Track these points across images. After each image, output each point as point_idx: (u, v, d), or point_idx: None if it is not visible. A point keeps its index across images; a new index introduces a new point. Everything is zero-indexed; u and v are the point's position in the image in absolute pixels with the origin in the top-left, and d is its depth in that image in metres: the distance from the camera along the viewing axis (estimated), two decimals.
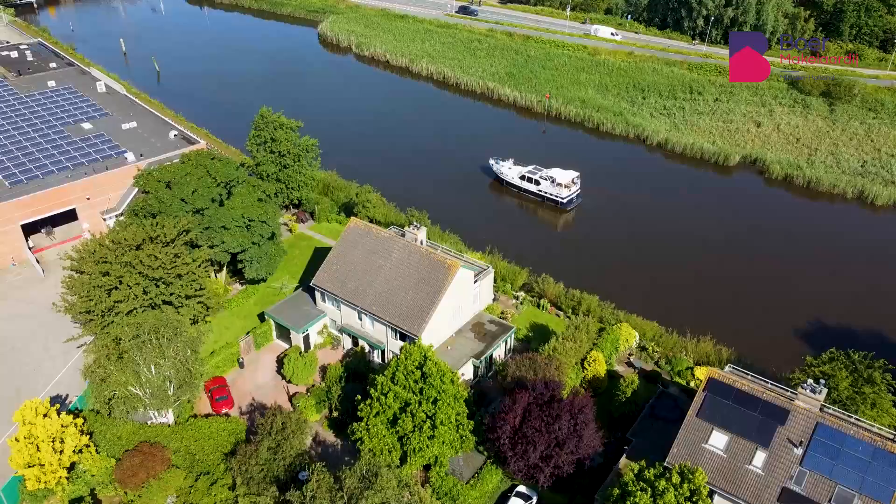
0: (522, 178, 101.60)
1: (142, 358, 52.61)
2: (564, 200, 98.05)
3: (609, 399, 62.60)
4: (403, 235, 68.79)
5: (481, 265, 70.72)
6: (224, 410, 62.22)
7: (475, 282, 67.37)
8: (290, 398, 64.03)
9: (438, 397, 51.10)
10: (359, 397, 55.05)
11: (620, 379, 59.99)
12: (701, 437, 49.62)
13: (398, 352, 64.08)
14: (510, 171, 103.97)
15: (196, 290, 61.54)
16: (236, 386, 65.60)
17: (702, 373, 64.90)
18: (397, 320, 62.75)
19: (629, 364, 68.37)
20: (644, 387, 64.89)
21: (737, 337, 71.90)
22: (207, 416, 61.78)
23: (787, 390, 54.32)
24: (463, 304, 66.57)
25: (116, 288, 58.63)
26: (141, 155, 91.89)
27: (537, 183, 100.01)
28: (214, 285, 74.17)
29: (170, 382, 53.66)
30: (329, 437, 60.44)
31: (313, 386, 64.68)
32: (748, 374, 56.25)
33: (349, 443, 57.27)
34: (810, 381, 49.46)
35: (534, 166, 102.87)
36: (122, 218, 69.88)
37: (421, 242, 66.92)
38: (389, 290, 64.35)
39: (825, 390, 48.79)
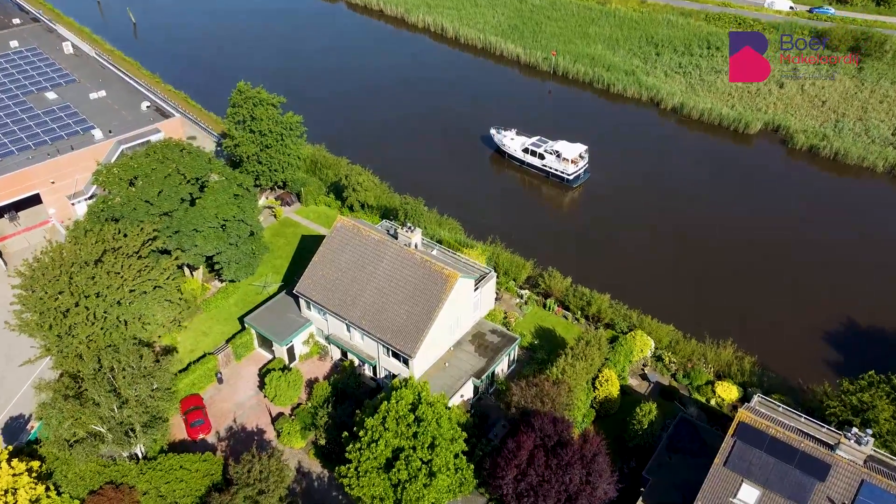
0: (526, 150, 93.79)
1: (102, 398, 46.70)
2: (571, 177, 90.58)
3: (622, 422, 57.23)
4: (396, 237, 62.01)
5: (482, 268, 64.13)
6: (200, 436, 56.88)
7: (476, 289, 60.96)
8: (273, 420, 58.60)
9: (435, 442, 45.46)
10: (346, 435, 49.49)
11: (636, 408, 54.28)
12: (729, 489, 44.23)
13: (390, 369, 58.59)
14: (513, 142, 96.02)
15: (166, 306, 55.14)
16: (214, 404, 60.07)
17: (723, 389, 59.44)
18: (389, 337, 56.64)
19: (643, 377, 62.67)
20: (660, 404, 59.44)
21: (759, 338, 66.14)
22: (181, 442, 56.55)
23: (823, 427, 48.83)
24: (462, 314, 60.37)
25: (76, 305, 52.23)
26: (109, 131, 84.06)
27: (542, 157, 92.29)
28: (190, 285, 67.90)
29: (132, 428, 47.88)
30: (315, 466, 55.23)
31: (298, 405, 59.18)
32: (779, 407, 50.74)
33: (337, 476, 52.17)
34: (855, 430, 43.68)
35: (538, 138, 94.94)
36: (83, 217, 62.67)
37: (416, 246, 60.17)
38: (381, 302, 58.00)
39: (871, 441, 43.10)
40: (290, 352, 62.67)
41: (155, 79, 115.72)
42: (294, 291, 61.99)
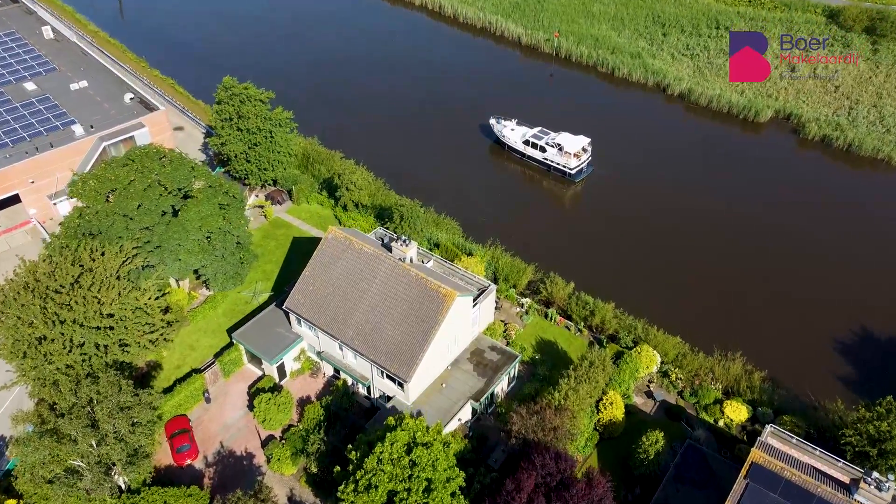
0: (526, 143, 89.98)
1: (80, 434, 44.12)
2: (573, 171, 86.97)
3: (626, 444, 54.86)
4: (390, 248, 58.91)
5: (481, 282, 61.10)
6: (187, 462, 54.48)
7: (474, 305, 58.04)
8: (263, 443, 56.20)
9: (431, 486, 42.98)
10: (338, 470, 47.08)
11: (643, 437, 51.73)
12: None
13: (385, 391, 56.03)
14: (513, 133, 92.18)
15: (147, 331, 52.26)
16: (202, 425, 57.60)
17: (731, 409, 56.90)
18: (383, 360, 53.90)
19: (649, 394, 60.11)
20: (666, 425, 57.06)
21: (769, 348, 63.63)
22: (167, 468, 54.19)
23: (839, 461, 46.49)
24: (460, 332, 57.55)
25: (52, 331, 49.34)
26: (91, 127, 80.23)
27: (543, 150, 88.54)
28: (176, 296, 64.98)
29: (112, 464, 45.39)
30: (307, 495, 52.92)
31: (290, 427, 56.72)
32: (793, 438, 48.31)
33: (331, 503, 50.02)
34: (876, 475, 41.18)
35: (539, 129, 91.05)
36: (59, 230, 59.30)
37: (410, 260, 57.08)
38: (374, 321, 55.12)
39: (893, 486, 40.65)
40: (281, 369, 60.03)
41: (141, 63, 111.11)
42: (283, 307, 59.05)
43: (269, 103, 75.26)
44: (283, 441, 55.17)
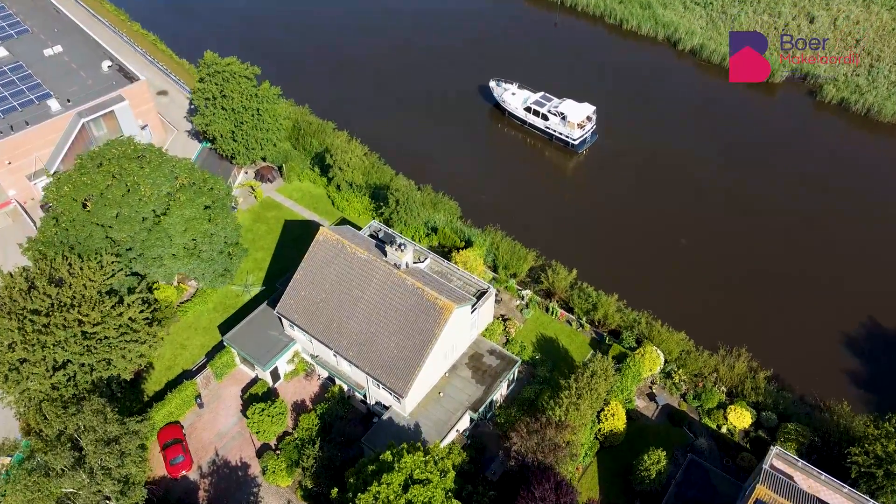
0: (528, 109, 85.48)
1: (67, 471, 42.91)
2: (576, 142, 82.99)
3: (627, 452, 54.01)
4: (384, 243, 56.26)
5: (480, 284, 58.61)
6: (182, 473, 53.70)
7: (473, 311, 55.85)
8: (258, 452, 55.30)
9: None
10: (335, 491, 46.22)
11: (644, 455, 50.56)
12: None
13: (381, 400, 54.70)
14: (514, 97, 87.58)
15: (132, 347, 50.30)
16: (195, 433, 56.53)
17: (735, 416, 55.66)
18: (379, 372, 52.21)
19: (651, 396, 58.80)
20: (668, 430, 56.10)
21: (776, 344, 61.95)
22: (162, 479, 53.43)
23: (844, 487, 45.57)
24: (458, 340, 55.66)
25: (33, 354, 47.43)
26: (68, 101, 75.83)
27: (545, 118, 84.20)
28: (164, 292, 62.66)
29: (106, 497, 44.35)
30: None
31: (285, 435, 55.67)
32: (798, 462, 47.15)
33: None
34: None
35: (542, 94, 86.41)
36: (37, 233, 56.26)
37: (406, 265, 54.48)
38: (369, 332, 53.11)
39: None
40: (274, 373, 58.51)
41: (121, 16, 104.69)
42: (275, 312, 56.90)
43: (255, 80, 70.70)
44: (277, 452, 54.19)
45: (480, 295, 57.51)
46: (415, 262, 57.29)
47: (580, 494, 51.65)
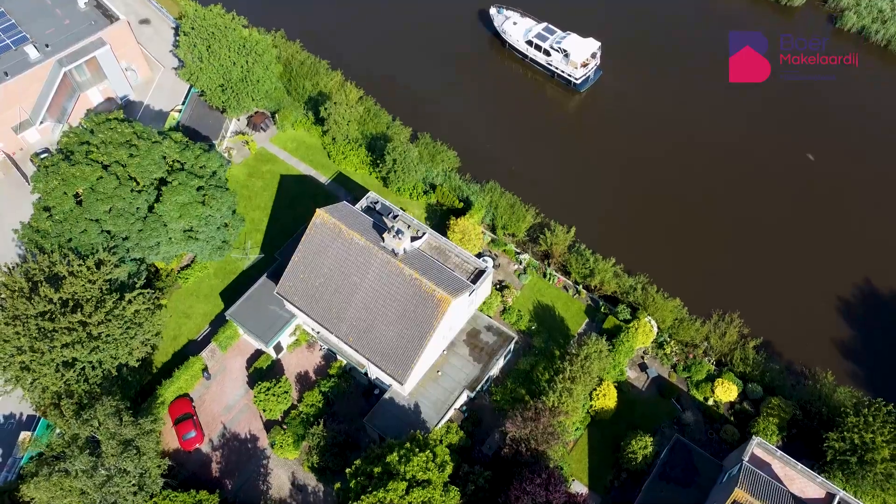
0: (529, 43, 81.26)
1: (84, 476, 45.52)
2: (578, 81, 79.70)
3: (616, 423, 56.87)
4: (382, 234, 55.91)
5: (478, 264, 58.54)
6: (196, 446, 56.79)
7: (470, 294, 56.43)
8: (266, 424, 58.12)
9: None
10: (337, 487, 49.33)
11: (632, 441, 53.14)
12: None
13: (382, 379, 56.75)
14: (515, 28, 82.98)
15: (137, 342, 51.52)
16: (204, 405, 59.13)
17: (722, 390, 57.94)
18: (378, 359, 53.79)
19: (642, 367, 60.85)
20: (657, 402, 58.66)
21: (770, 309, 63.19)
22: (175, 451, 56.50)
23: (817, 477, 48.50)
24: (456, 321, 56.76)
25: (42, 356, 48.74)
26: (47, 46, 72.05)
27: (547, 53, 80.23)
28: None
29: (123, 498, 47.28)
30: (310, 480, 55.90)
31: (291, 408, 58.18)
32: (776, 452, 49.75)
33: (332, 490, 53.17)
34: None
35: (545, 26, 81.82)
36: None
37: (404, 251, 54.41)
38: (368, 319, 54.08)
39: None
40: (277, 346, 60.16)
41: None
42: (276, 292, 57.52)
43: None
44: (284, 426, 56.87)
45: (478, 275, 57.84)
46: (412, 239, 56.71)
47: (570, 466, 55.14)
